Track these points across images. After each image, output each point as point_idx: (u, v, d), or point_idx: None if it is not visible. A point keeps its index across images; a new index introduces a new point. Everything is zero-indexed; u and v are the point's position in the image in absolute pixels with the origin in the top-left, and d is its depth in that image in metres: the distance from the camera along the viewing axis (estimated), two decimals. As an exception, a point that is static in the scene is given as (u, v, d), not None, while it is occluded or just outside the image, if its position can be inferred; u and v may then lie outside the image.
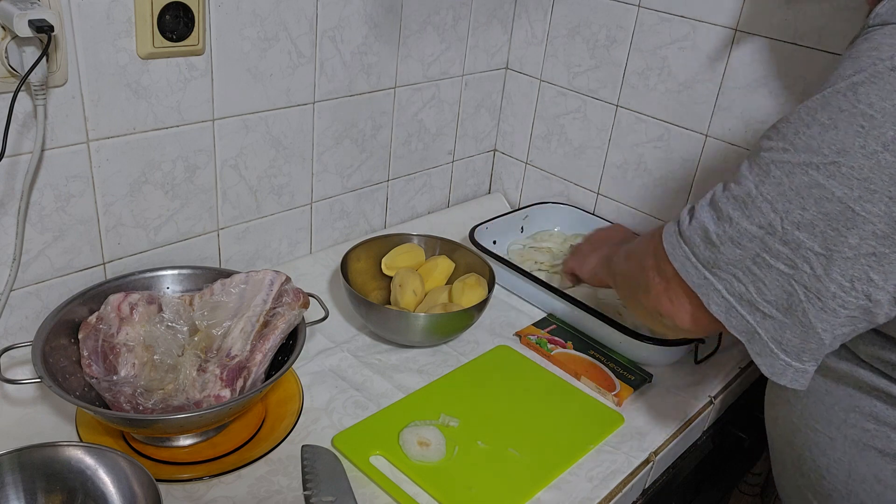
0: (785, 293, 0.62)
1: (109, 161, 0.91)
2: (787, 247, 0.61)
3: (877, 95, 0.56)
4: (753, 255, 0.63)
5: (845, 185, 0.57)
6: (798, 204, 0.60)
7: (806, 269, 0.60)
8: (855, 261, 0.59)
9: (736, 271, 0.64)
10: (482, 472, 0.85)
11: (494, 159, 1.52)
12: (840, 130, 0.57)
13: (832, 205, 0.58)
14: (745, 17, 1.10)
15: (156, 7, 0.86)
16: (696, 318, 0.70)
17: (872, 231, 0.57)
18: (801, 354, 0.64)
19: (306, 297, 0.92)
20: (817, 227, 0.59)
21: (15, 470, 0.69)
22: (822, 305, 0.61)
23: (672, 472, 1.00)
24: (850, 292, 0.60)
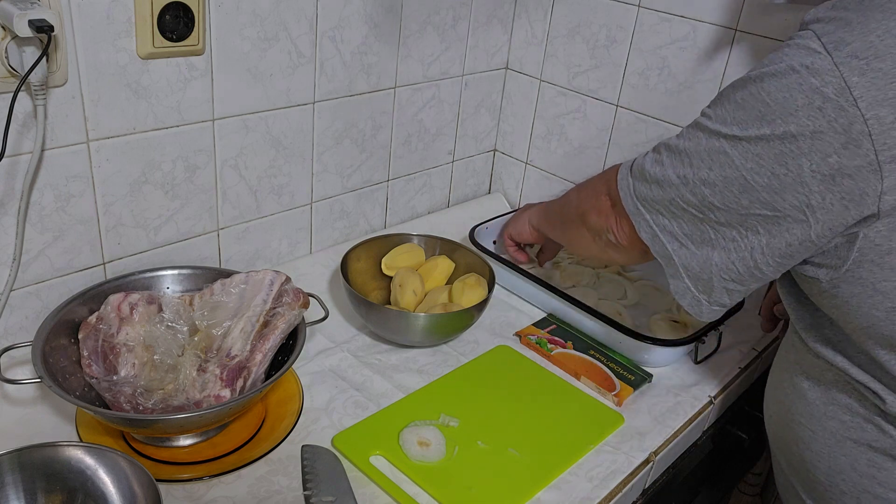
0: (698, 230, 0.74)
1: (109, 161, 0.91)
2: (695, 197, 0.72)
3: (774, 87, 0.65)
4: (671, 199, 0.75)
5: (742, 156, 0.68)
6: (706, 164, 0.71)
7: (711, 216, 0.72)
8: (746, 217, 0.70)
9: (659, 207, 0.77)
10: (482, 472, 0.85)
11: (494, 159, 1.52)
12: (745, 111, 0.67)
13: (731, 170, 0.69)
14: (745, 17, 1.10)
15: (156, 7, 0.86)
16: (632, 240, 0.83)
17: (758, 197, 0.68)
18: (697, 283, 0.76)
19: (306, 297, 0.92)
20: (717, 186, 0.70)
21: (15, 470, 0.69)
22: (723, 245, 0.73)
23: (672, 472, 1.00)
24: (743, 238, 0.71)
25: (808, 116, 0.63)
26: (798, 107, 0.64)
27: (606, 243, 0.89)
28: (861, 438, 0.76)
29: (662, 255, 0.78)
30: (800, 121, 0.64)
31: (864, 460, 0.77)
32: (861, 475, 0.77)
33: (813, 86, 0.63)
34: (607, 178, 0.88)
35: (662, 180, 0.75)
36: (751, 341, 1.15)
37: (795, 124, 0.64)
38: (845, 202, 0.65)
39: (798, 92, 0.63)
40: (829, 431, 0.79)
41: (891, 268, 0.67)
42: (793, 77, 0.64)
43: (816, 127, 0.63)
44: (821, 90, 0.62)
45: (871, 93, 0.61)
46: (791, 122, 0.64)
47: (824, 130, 0.63)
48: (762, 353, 1.14)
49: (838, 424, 0.78)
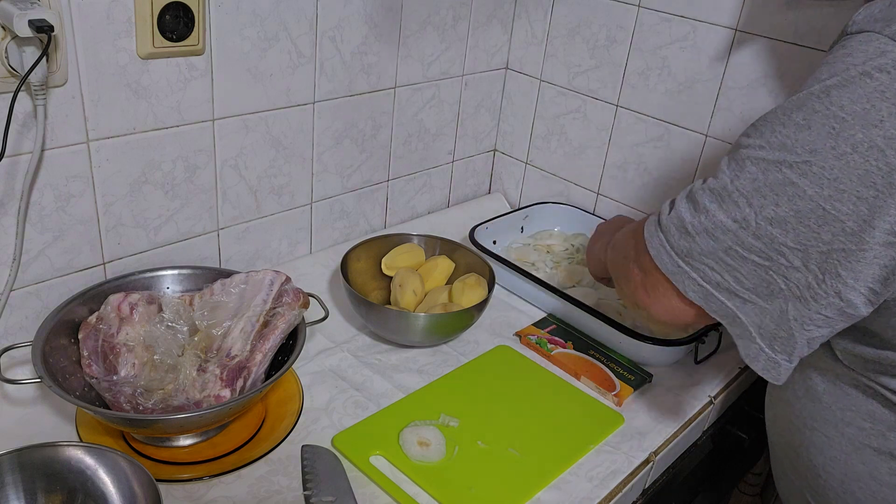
0: (764, 282, 0.65)
1: (109, 161, 0.91)
2: (760, 241, 0.63)
3: (848, 99, 0.58)
4: (727, 248, 0.65)
5: (816, 183, 0.60)
6: (772, 200, 0.62)
7: (782, 261, 0.63)
8: (828, 255, 0.61)
9: (709, 261, 0.67)
10: (482, 472, 0.85)
11: (494, 159, 1.52)
12: (813, 131, 0.60)
13: (804, 202, 0.60)
14: (745, 17, 1.10)
15: (156, 7, 0.86)
16: (670, 309, 0.73)
17: (842, 228, 0.60)
18: (774, 343, 0.66)
19: (306, 297, 0.92)
20: (789, 223, 0.61)
21: (15, 470, 0.69)
22: (799, 294, 0.64)
23: (672, 472, 1.00)
24: (821, 285, 0.62)
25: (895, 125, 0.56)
26: (883, 117, 0.57)
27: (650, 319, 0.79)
28: (883, 446, 0.73)
29: (724, 315, 0.69)
30: (887, 131, 0.57)
31: (885, 469, 0.73)
32: (881, 484, 0.74)
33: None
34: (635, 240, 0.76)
35: (713, 229, 0.66)
36: (751, 341, 1.15)
37: (882, 136, 0.57)
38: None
39: (880, 100, 0.57)
40: (847, 437, 0.76)
41: None
42: (871, 84, 0.57)
43: None
44: None
45: None
46: (877, 136, 0.57)
47: None
48: (762, 353, 1.14)
49: (857, 431, 0.75)
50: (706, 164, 1.20)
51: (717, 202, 0.65)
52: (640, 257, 0.74)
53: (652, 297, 0.73)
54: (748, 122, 1.11)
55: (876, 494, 0.75)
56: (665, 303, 0.73)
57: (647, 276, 0.73)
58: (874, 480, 0.75)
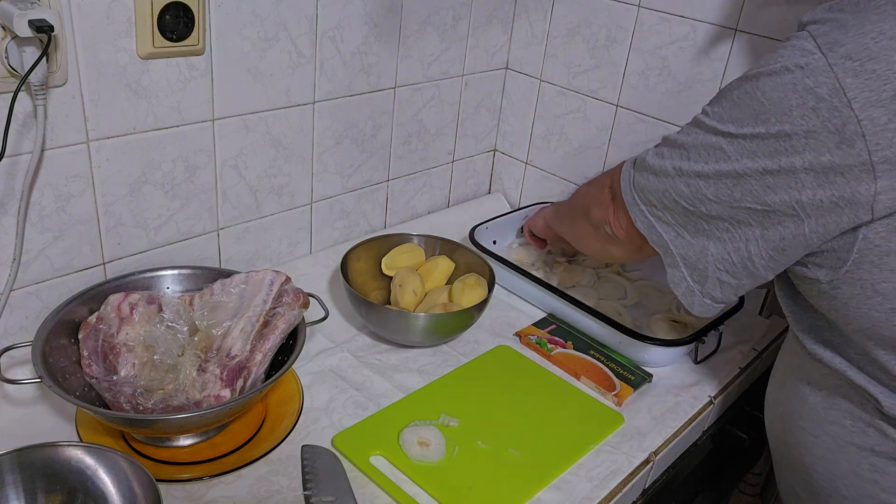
0: (691, 222, 0.76)
1: (109, 161, 0.91)
2: (688, 188, 0.74)
3: (769, 86, 0.66)
4: (665, 189, 0.77)
5: (736, 151, 0.69)
6: (703, 158, 0.73)
7: (703, 209, 0.74)
8: (738, 210, 0.71)
9: (653, 197, 0.79)
10: (482, 472, 0.85)
11: (494, 159, 1.52)
12: (741, 109, 0.69)
13: (725, 164, 0.71)
14: (745, 17, 1.10)
15: (156, 7, 0.86)
16: (628, 231, 0.86)
17: (749, 190, 0.69)
18: (693, 273, 0.78)
19: (306, 297, 0.92)
20: (710, 178, 0.72)
21: (15, 470, 0.69)
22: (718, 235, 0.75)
23: (672, 472, 1.00)
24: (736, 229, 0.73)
25: (801, 116, 0.64)
26: (792, 106, 0.65)
27: (605, 237, 0.91)
28: (863, 443, 0.76)
29: (660, 245, 0.80)
30: (794, 120, 0.65)
31: (866, 465, 0.76)
32: (863, 480, 0.77)
33: (807, 86, 0.64)
34: (612, 173, 0.90)
35: (660, 171, 0.78)
36: (751, 341, 1.15)
37: (790, 123, 0.65)
38: (836, 201, 0.65)
39: (792, 92, 0.65)
40: (831, 436, 0.79)
41: (890, 269, 0.67)
42: (787, 77, 0.65)
43: (810, 126, 0.64)
44: (815, 90, 0.63)
45: (865, 94, 0.62)
46: (785, 121, 0.65)
47: (818, 130, 0.64)
48: (762, 353, 1.14)
49: (839, 429, 0.78)
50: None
51: (669, 151, 0.77)
52: (614, 185, 0.88)
53: (616, 217, 0.87)
54: (748, 122, 1.13)
55: (859, 490, 0.78)
56: (624, 223, 0.86)
57: (615, 200, 0.87)
58: (857, 477, 0.77)
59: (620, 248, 0.90)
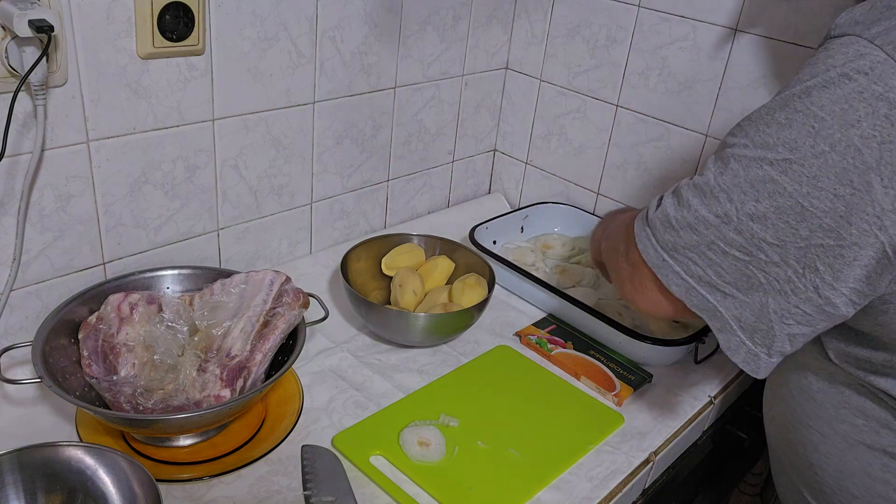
0: (744, 276, 0.66)
1: (109, 161, 0.91)
2: (740, 236, 0.65)
3: (827, 99, 0.60)
4: (708, 242, 0.67)
5: (795, 180, 0.61)
6: (752, 196, 0.63)
7: (761, 256, 0.65)
8: (806, 250, 0.63)
9: (692, 255, 0.69)
10: (482, 472, 0.85)
11: (494, 159, 1.52)
12: (793, 130, 0.61)
13: (783, 199, 0.62)
14: (745, 17, 1.10)
15: (156, 7, 0.86)
16: (656, 303, 0.75)
17: (819, 225, 0.61)
18: (754, 335, 0.68)
19: (306, 297, 0.92)
20: (769, 218, 0.63)
21: (15, 470, 0.69)
22: (778, 287, 0.65)
23: (672, 472, 1.00)
24: (801, 279, 0.64)
25: (872, 126, 0.58)
26: (860, 117, 0.58)
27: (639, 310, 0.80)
28: (875, 443, 0.74)
29: (704, 309, 0.70)
30: (864, 132, 0.58)
31: (878, 465, 0.74)
32: (874, 479, 0.75)
33: (876, 93, 0.58)
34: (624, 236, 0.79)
35: (696, 223, 0.67)
36: (751, 341, 1.15)
37: (859, 136, 0.58)
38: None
39: (859, 101, 0.58)
40: (840, 434, 0.77)
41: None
42: (849, 85, 0.59)
43: (884, 137, 0.58)
44: (885, 96, 0.58)
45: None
46: (854, 135, 0.58)
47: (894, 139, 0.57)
48: (762, 353, 1.14)
49: (850, 427, 0.76)
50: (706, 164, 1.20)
51: (699, 197, 0.67)
52: (629, 252, 0.76)
53: (638, 291, 0.76)
54: (748, 122, 1.12)
55: (870, 490, 0.76)
56: (650, 297, 0.75)
57: (634, 271, 0.75)
58: (868, 476, 0.76)
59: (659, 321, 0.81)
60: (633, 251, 0.75)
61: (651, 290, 0.74)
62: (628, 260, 0.76)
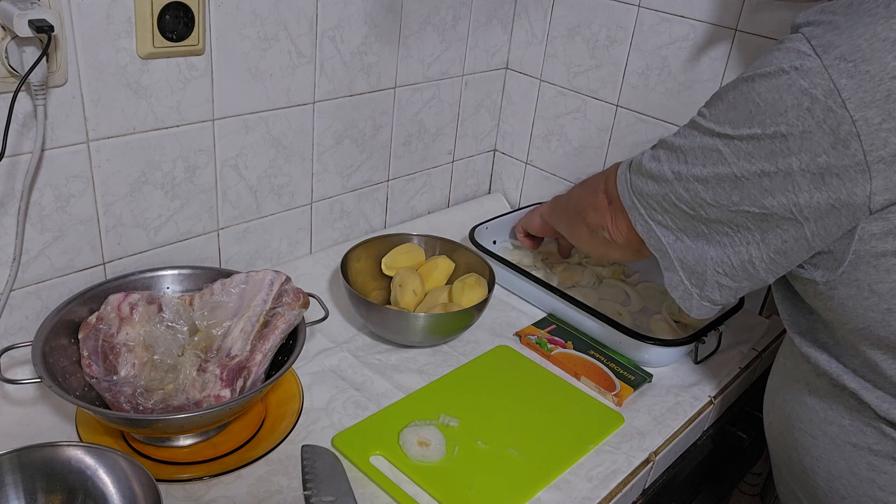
0: (691, 226, 0.76)
1: (109, 161, 0.91)
2: (687, 193, 0.74)
3: (765, 87, 0.67)
4: (664, 193, 0.77)
5: (734, 154, 0.70)
6: (700, 161, 0.73)
7: (702, 213, 0.74)
8: (737, 214, 0.71)
9: (652, 202, 0.79)
10: (482, 472, 0.85)
11: (494, 159, 1.52)
12: (737, 111, 0.69)
13: (723, 167, 0.71)
14: (745, 17, 1.10)
15: (156, 7, 0.86)
16: (627, 236, 0.86)
17: (749, 194, 0.70)
18: (691, 276, 0.78)
19: (306, 297, 0.92)
20: (709, 182, 0.72)
21: (15, 470, 0.69)
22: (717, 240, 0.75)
23: (672, 472, 1.00)
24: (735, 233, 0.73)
25: (797, 117, 0.65)
26: (787, 107, 0.65)
27: (603, 241, 0.91)
28: (861, 442, 0.76)
29: (658, 249, 0.80)
30: (789, 121, 0.65)
31: (863, 464, 0.76)
32: (860, 479, 0.77)
33: (802, 87, 0.64)
34: (606, 176, 0.90)
35: (658, 175, 0.77)
36: (751, 341, 1.15)
37: (785, 124, 0.66)
38: (833, 203, 0.66)
39: (787, 93, 0.65)
40: (829, 436, 0.79)
41: (886, 269, 0.67)
42: (783, 78, 0.66)
43: (805, 127, 0.64)
44: (810, 91, 0.64)
45: (859, 94, 0.62)
46: (781, 123, 0.66)
47: (813, 130, 0.64)
48: (762, 353, 1.14)
49: (838, 429, 0.78)
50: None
51: (666, 155, 0.77)
52: (610, 189, 0.88)
53: (614, 221, 0.88)
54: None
55: (857, 490, 0.77)
56: (622, 228, 0.87)
57: (612, 205, 0.87)
58: (854, 476, 0.77)
59: (619, 251, 0.91)
60: (612, 188, 0.86)
61: (624, 222, 0.85)
62: (608, 195, 0.88)
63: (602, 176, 0.92)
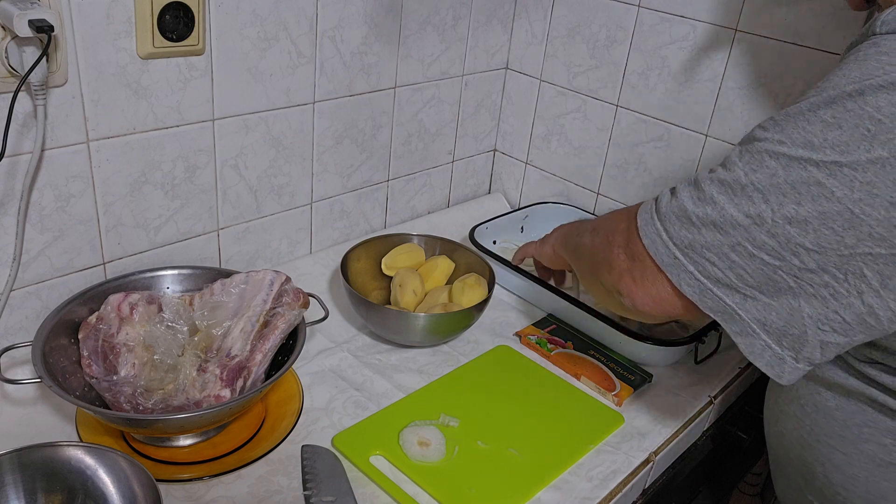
0: (770, 280, 0.62)
1: (109, 161, 0.91)
2: (774, 239, 0.60)
3: (885, 101, 0.55)
4: (734, 243, 0.62)
5: (846, 185, 0.57)
6: (793, 198, 0.59)
7: (795, 262, 0.60)
8: (850, 258, 0.59)
9: (711, 255, 0.64)
10: (482, 472, 0.85)
11: (494, 159, 1.52)
12: (844, 131, 0.57)
13: (830, 204, 0.57)
14: (745, 17, 1.10)
15: (156, 7, 0.86)
16: (658, 300, 0.69)
17: (869, 233, 0.57)
18: (782, 339, 0.63)
19: (306, 297, 0.92)
20: (811, 224, 0.59)
21: (15, 470, 0.69)
22: (812, 292, 0.61)
23: (672, 472, 1.00)
24: (842, 284, 0.60)
25: None
26: None
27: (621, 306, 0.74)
28: None
29: (719, 311, 0.65)
30: None
31: None
32: None
33: None
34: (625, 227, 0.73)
35: (719, 222, 0.62)
36: (751, 341, 1.15)
37: None
38: None
39: None
40: (867, 455, 0.73)
41: None
42: None
43: None
44: None
45: None
46: None
47: None
48: (762, 353, 1.14)
49: (877, 447, 0.72)
50: (706, 164, 1.20)
51: (727, 195, 0.62)
52: (631, 244, 0.70)
53: (639, 284, 0.70)
54: (748, 122, 1.13)
55: None
56: (653, 292, 0.69)
57: (635, 264, 0.70)
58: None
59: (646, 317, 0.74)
60: (635, 243, 0.69)
61: (654, 286, 0.69)
62: (628, 252, 0.71)
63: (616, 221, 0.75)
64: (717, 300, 0.65)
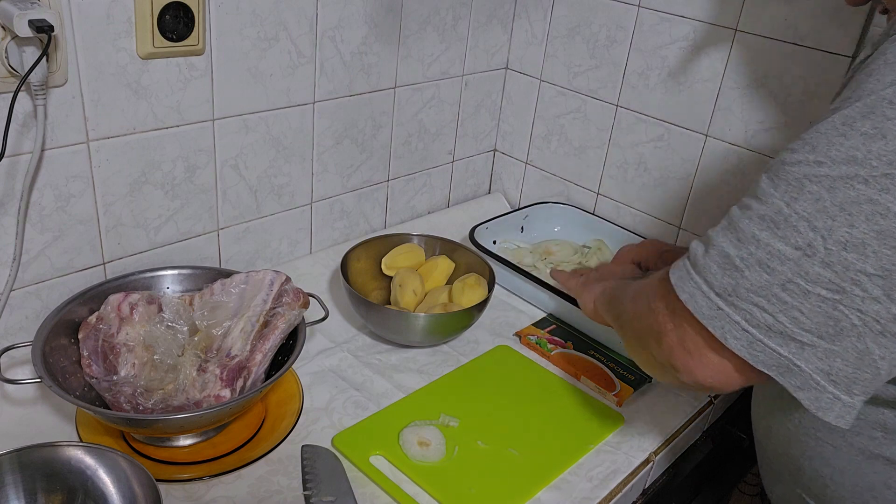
0: (830, 319, 0.55)
1: (109, 161, 0.91)
2: (829, 269, 0.54)
3: None
4: (785, 281, 0.56)
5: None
6: (844, 221, 0.53)
7: (857, 292, 0.54)
8: None
9: (759, 299, 0.57)
10: (482, 472, 0.85)
11: (494, 159, 1.52)
12: (889, 140, 0.52)
13: (887, 221, 0.52)
14: (745, 17, 1.10)
15: (156, 7, 0.86)
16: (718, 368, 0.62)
17: None
18: (852, 386, 0.57)
19: (306, 297, 0.92)
20: (869, 246, 0.53)
21: (15, 470, 0.69)
22: (881, 329, 0.55)
23: (672, 472, 1.00)
24: None
25: None
26: None
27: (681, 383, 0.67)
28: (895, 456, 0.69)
29: (774, 365, 0.58)
30: None
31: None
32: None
33: None
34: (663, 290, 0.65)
35: (767, 259, 0.56)
36: (751, 341, 1.15)
37: None
38: None
39: None
40: (857, 448, 0.72)
41: None
42: None
43: None
44: None
45: None
46: None
47: None
48: (762, 353, 1.14)
49: (867, 440, 0.70)
50: (706, 164, 1.20)
51: (770, 230, 0.56)
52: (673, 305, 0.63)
53: (695, 355, 0.62)
54: (748, 122, 1.13)
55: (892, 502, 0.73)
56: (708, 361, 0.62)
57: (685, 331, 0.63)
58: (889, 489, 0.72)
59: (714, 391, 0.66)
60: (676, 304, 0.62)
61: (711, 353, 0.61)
62: (672, 317, 0.63)
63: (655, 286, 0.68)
64: (770, 352, 0.58)
